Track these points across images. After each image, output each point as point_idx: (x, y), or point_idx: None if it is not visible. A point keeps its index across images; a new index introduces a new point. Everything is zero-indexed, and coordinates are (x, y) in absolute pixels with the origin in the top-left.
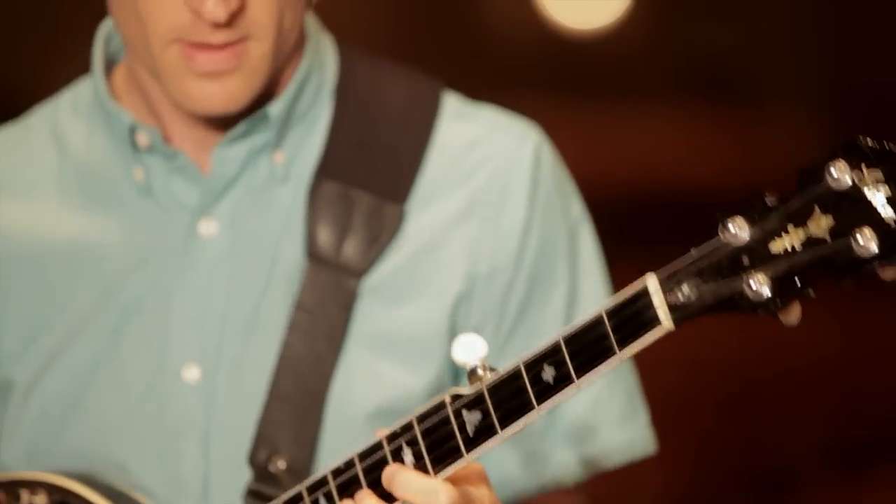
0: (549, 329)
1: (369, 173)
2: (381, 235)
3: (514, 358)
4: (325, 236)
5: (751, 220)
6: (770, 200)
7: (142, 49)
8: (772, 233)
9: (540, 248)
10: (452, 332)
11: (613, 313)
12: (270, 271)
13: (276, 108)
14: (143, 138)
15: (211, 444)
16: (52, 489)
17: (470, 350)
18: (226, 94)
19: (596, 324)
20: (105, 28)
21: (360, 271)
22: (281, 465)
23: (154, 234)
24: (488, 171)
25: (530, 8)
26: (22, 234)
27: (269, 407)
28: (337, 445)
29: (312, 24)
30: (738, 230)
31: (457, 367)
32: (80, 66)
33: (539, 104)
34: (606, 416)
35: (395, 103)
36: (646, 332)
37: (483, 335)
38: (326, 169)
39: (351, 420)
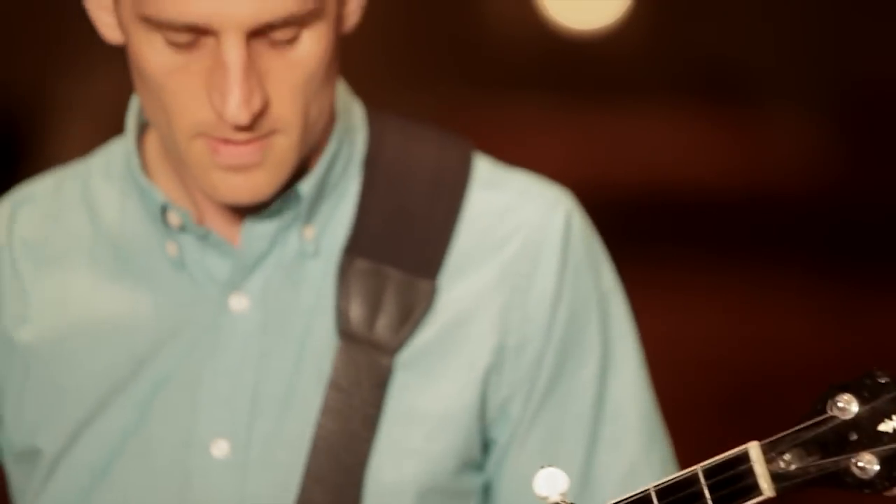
0: (581, 399)
1: (400, 248)
2: (413, 312)
3: None
4: (356, 314)
5: (860, 398)
6: (881, 378)
7: (168, 138)
8: (882, 413)
9: (570, 318)
10: (482, 404)
11: (711, 473)
12: (301, 347)
13: (306, 186)
14: (174, 218)
15: None
16: None
17: (552, 484)
18: (251, 186)
19: (694, 479)
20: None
21: (393, 349)
22: None
23: (186, 307)
24: (519, 241)
25: (531, 8)
26: (51, 303)
27: (304, 488)
28: None
29: (342, 93)
30: (847, 406)
31: (484, 437)
32: (82, 76)
33: (539, 104)
34: (642, 482)
35: (425, 172)
36: (746, 498)
37: (512, 407)
38: (356, 245)
39: (387, 497)
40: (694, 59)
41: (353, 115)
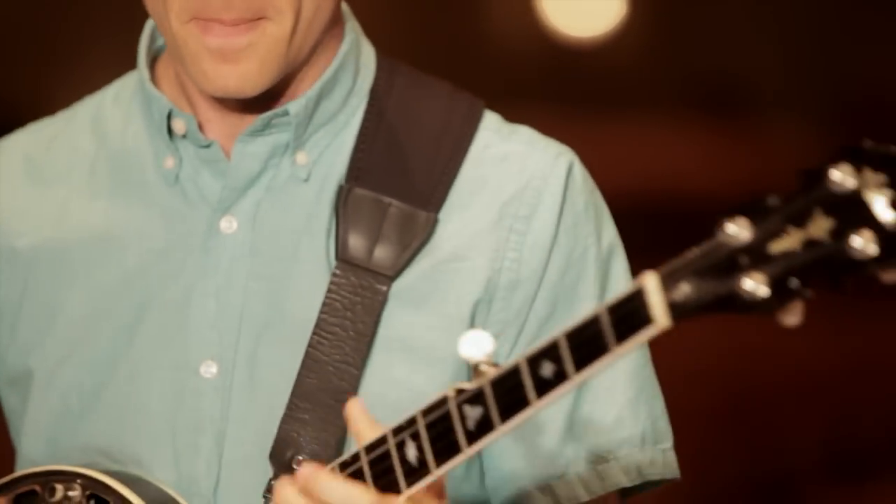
0: None
1: (401, 180)
2: (412, 241)
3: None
4: (355, 241)
5: (751, 221)
6: (771, 201)
7: (166, 29)
8: (772, 233)
9: (565, 265)
10: None
11: (612, 310)
12: (290, 270)
13: (295, 105)
14: (179, 124)
15: (227, 440)
16: (85, 482)
17: (476, 345)
18: (240, 74)
19: (594, 320)
20: (151, 21)
21: (390, 276)
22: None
23: (176, 227)
24: (521, 185)
25: (532, 17)
26: (49, 223)
27: (292, 405)
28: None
29: (352, 28)
30: (739, 230)
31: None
32: (78, 86)
33: (540, 113)
34: (627, 434)
35: (433, 114)
36: (643, 329)
37: (501, 344)
38: (356, 174)
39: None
40: (694, 69)
41: (363, 52)
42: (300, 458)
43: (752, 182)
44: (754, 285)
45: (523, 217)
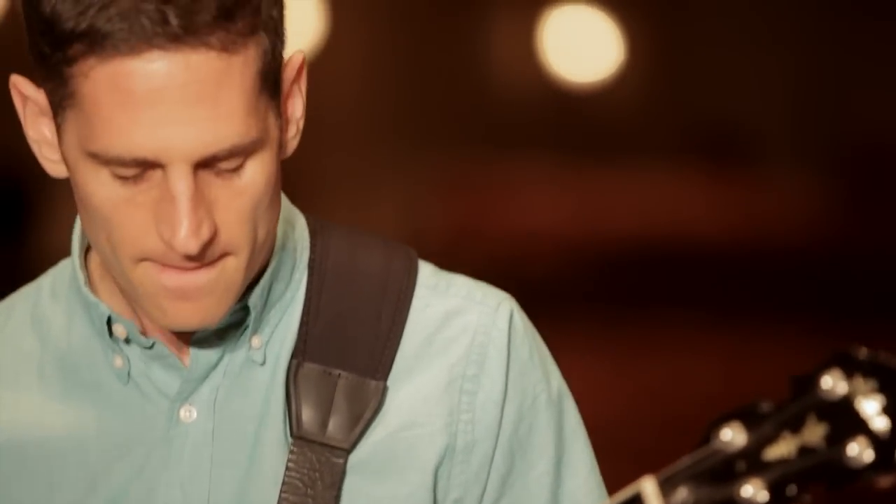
0: (536, 500)
1: (348, 350)
2: (364, 412)
3: None
4: (308, 416)
5: (745, 426)
6: (765, 407)
7: (112, 264)
8: (767, 439)
9: (518, 418)
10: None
11: None
12: (252, 453)
13: (254, 298)
14: (119, 330)
15: None
16: None
17: None
18: (201, 312)
19: None
20: None
21: (346, 448)
22: None
23: (136, 422)
24: (465, 344)
25: (533, 62)
26: (6, 425)
27: None
28: None
29: (284, 205)
30: (734, 436)
31: None
32: None
33: (540, 159)
34: None
35: (370, 276)
36: None
37: None
38: (304, 350)
39: None
40: (695, 115)
41: (297, 226)
42: None
43: (753, 227)
44: (753, 492)
45: (472, 377)
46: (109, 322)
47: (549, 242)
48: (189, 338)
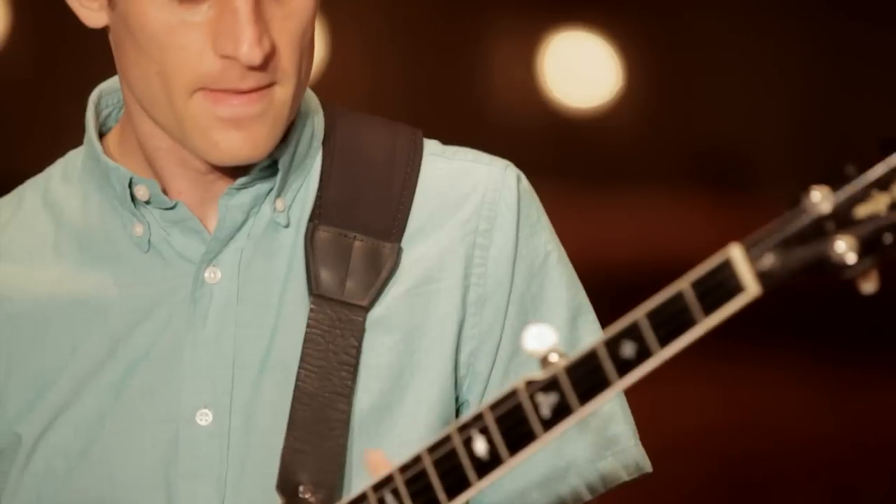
0: None
1: (362, 215)
2: (381, 272)
3: (592, 339)
4: (326, 277)
5: (833, 188)
6: (851, 169)
7: (162, 104)
8: (856, 199)
9: (529, 274)
10: (454, 359)
11: (697, 284)
12: (277, 313)
13: (285, 156)
14: (141, 191)
15: (227, 484)
16: None
17: (540, 339)
18: (252, 141)
19: (678, 296)
20: (96, 94)
21: (364, 307)
22: (310, 495)
23: (158, 285)
24: (476, 201)
25: (532, 87)
26: (23, 296)
27: (289, 439)
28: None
29: None
30: (822, 199)
31: (460, 400)
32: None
33: (541, 185)
34: (621, 429)
35: (379, 148)
36: (733, 298)
37: (479, 364)
38: (321, 215)
39: (372, 446)
40: (695, 140)
41: (312, 101)
42: (306, 487)
43: None
44: (845, 247)
45: (484, 231)
46: (131, 186)
47: None
48: (215, 199)
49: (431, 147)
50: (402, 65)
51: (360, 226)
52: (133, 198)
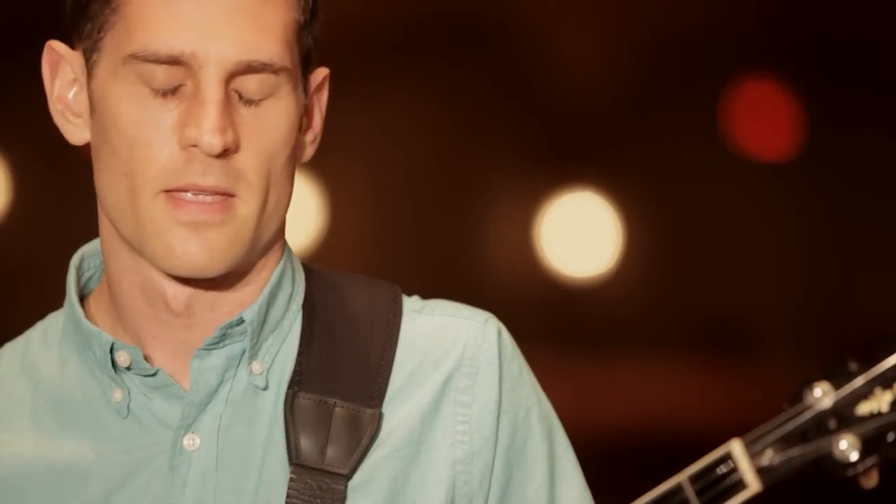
0: None
1: (343, 381)
2: (361, 439)
3: None
4: (307, 446)
5: (835, 385)
6: (853, 366)
7: (126, 210)
8: (858, 396)
9: (512, 429)
10: None
11: (697, 477)
12: (258, 482)
13: (250, 312)
14: (123, 357)
15: None
16: None
17: None
18: (208, 249)
19: (678, 489)
20: (77, 257)
21: (345, 474)
22: None
23: (136, 452)
24: (456, 357)
25: (531, 256)
26: (1, 463)
27: None
28: None
29: (287, 245)
30: (823, 395)
31: None
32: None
33: (539, 353)
34: None
35: (359, 309)
36: (734, 495)
37: None
38: (301, 380)
39: None
40: (691, 308)
41: (294, 261)
42: None
43: (750, 420)
44: (847, 446)
45: (465, 388)
46: (112, 351)
47: None
48: (189, 353)
49: (411, 304)
50: (401, 234)
51: (341, 391)
52: (113, 363)
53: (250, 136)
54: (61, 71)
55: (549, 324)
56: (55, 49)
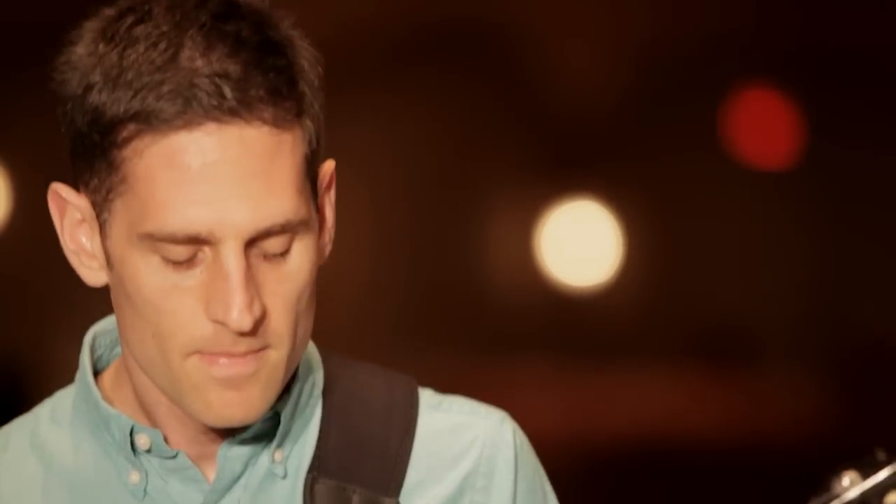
0: None
1: (362, 468)
2: None
3: None
4: None
5: (863, 475)
6: (881, 456)
7: (158, 366)
8: (886, 486)
9: None
10: None
11: None
12: None
13: (285, 408)
14: (143, 440)
15: None
16: None
17: None
18: (246, 402)
19: None
20: (90, 336)
21: None
22: None
23: None
24: (474, 456)
25: (531, 265)
26: None
27: None
28: None
29: None
30: (850, 484)
31: None
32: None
33: (539, 362)
34: None
35: (377, 399)
36: None
37: None
38: (321, 466)
39: None
40: (691, 317)
41: (313, 353)
42: None
43: (750, 429)
44: None
45: (481, 488)
46: (132, 434)
47: (548, 445)
48: (215, 449)
49: (427, 398)
50: (403, 244)
51: (359, 479)
52: (132, 445)
53: (275, 291)
54: (69, 213)
55: (550, 333)
56: (60, 195)
